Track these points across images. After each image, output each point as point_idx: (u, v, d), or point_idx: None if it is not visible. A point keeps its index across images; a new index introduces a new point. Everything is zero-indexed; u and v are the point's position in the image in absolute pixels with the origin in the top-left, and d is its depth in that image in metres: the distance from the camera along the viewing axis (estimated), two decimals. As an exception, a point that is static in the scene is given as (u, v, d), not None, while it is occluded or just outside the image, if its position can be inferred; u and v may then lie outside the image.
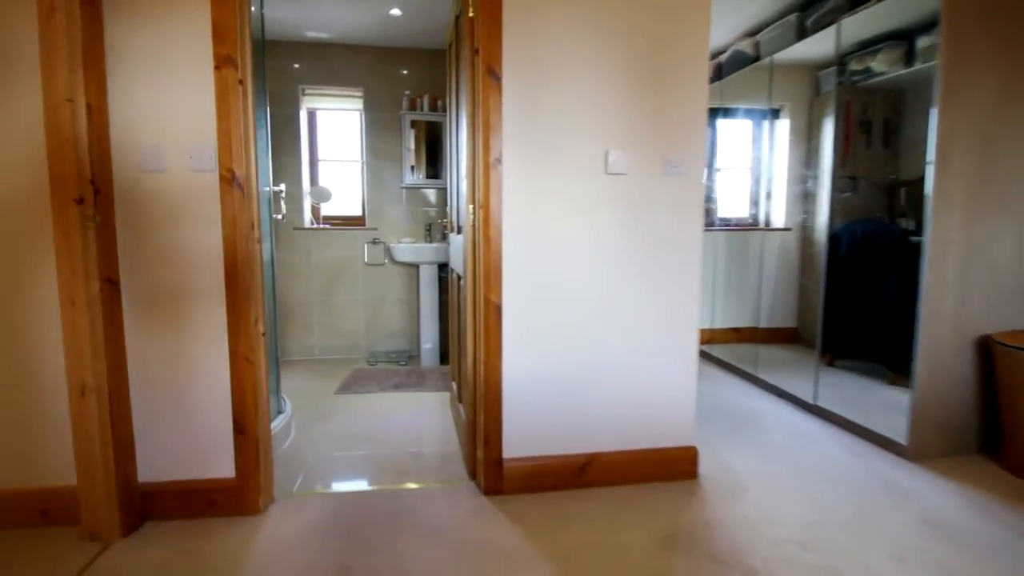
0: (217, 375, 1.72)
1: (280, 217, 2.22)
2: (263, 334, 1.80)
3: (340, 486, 1.94)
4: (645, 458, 1.94)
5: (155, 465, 1.72)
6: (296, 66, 3.58)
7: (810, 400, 2.69)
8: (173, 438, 1.72)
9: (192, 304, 1.68)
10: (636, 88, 1.82)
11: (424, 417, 2.65)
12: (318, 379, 3.31)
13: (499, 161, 1.77)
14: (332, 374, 3.42)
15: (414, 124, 3.68)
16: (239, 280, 1.69)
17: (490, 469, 1.87)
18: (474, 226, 1.87)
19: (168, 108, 1.62)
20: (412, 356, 3.83)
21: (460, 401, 2.33)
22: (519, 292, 1.83)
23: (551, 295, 1.85)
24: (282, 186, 2.27)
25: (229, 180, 1.65)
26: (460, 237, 2.17)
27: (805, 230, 3.65)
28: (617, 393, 1.92)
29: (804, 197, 3.72)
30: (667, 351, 1.93)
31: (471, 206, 1.88)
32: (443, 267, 3.63)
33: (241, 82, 1.65)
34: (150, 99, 1.61)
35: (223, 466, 1.74)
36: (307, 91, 3.69)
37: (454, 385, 2.58)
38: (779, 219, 3.52)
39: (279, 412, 2.38)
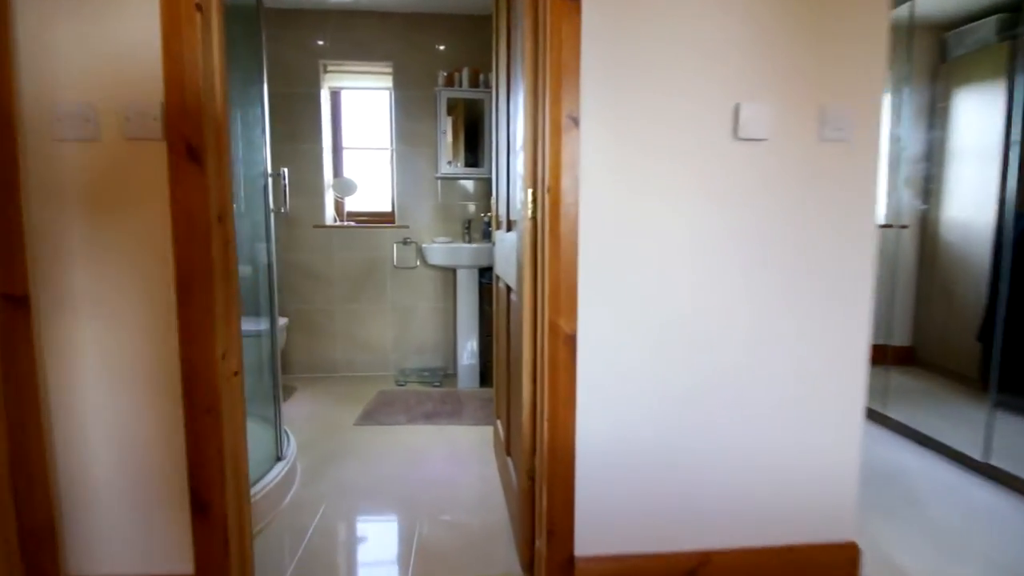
0: (168, 433, 1.20)
1: (283, 211, 1.70)
2: (235, 373, 1.28)
3: (345, 581, 1.41)
4: (782, 559, 1.32)
5: (86, 555, 1.22)
6: (320, 43, 3.09)
7: (978, 456, 1.99)
8: (110, 518, 1.22)
9: (132, 332, 1.18)
10: (781, 8, 1.21)
11: (462, 463, 2.10)
12: (337, 403, 2.81)
13: (575, 122, 1.19)
14: (354, 396, 2.92)
15: (451, 104, 3.14)
16: (195, 296, 1.17)
17: (555, 571, 1.29)
18: (535, 219, 1.29)
19: (98, 51, 1.11)
20: (447, 375, 3.29)
21: (508, 453, 1.76)
22: (602, 317, 1.24)
23: (649, 322, 1.25)
24: (283, 171, 1.75)
25: (182, 152, 1.13)
26: (511, 236, 1.60)
27: (927, 225, 2.92)
28: (744, 465, 1.30)
29: (925, 185, 2.97)
30: (820, 406, 1.30)
31: (530, 190, 1.31)
32: (484, 271, 3.08)
33: (200, 7, 1.12)
34: (72, 39, 1.10)
35: (177, 556, 1.23)
36: (329, 67, 3.21)
37: (499, 425, 2.01)
38: (884, 211, 2.80)
39: (278, 458, 1.88)
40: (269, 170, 1.81)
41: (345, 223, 3.31)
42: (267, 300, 1.91)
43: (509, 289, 1.68)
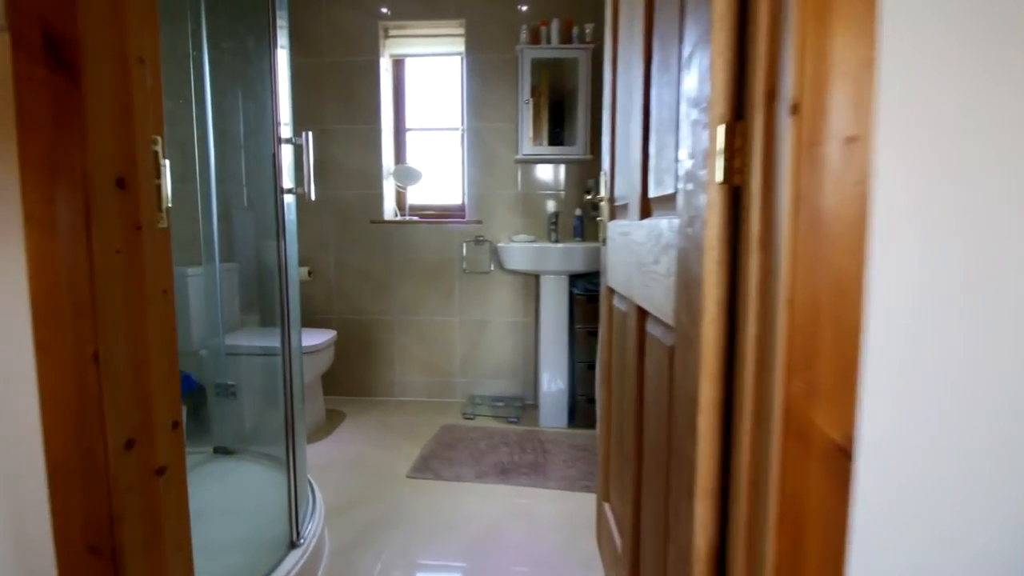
0: (22, 594, 0.65)
1: (304, 192, 1.11)
2: (158, 471, 0.70)
3: None
4: None
5: None
6: (382, 6, 2.57)
7: None
8: None
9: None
10: None
11: (551, 559, 1.44)
12: (390, 440, 2.26)
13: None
14: (412, 431, 2.35)
15: (536, 66, 2.49)
16: (65, 340, 0.60)
17: None
18: (740, 185, 0.60)
19: None
20: (527, 405, 2.65)
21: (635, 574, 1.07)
22: (916, 412, 0.53)
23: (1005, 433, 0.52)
24: (306, 135, 1.18)
25: (34, 46, 0.57)
26: (650, 226, 0.91)
27: None
28: None
29: None
30: None
31: (722, 126, 0.62)
32: (576, 279, 2.41)
33: None
34: None
35: None
36: (391, 30, 2.68)
37: (608, 514, 1.33)
38: None
39: (292, 544, 1.31)
40: (282, 135, 1.26)
41: (407, 218, 2.77)
42: (285, 313, 1.35)
43: (644, 315, 1.00)
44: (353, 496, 1.80)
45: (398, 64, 2.79)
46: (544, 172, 2.62)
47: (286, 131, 1.29)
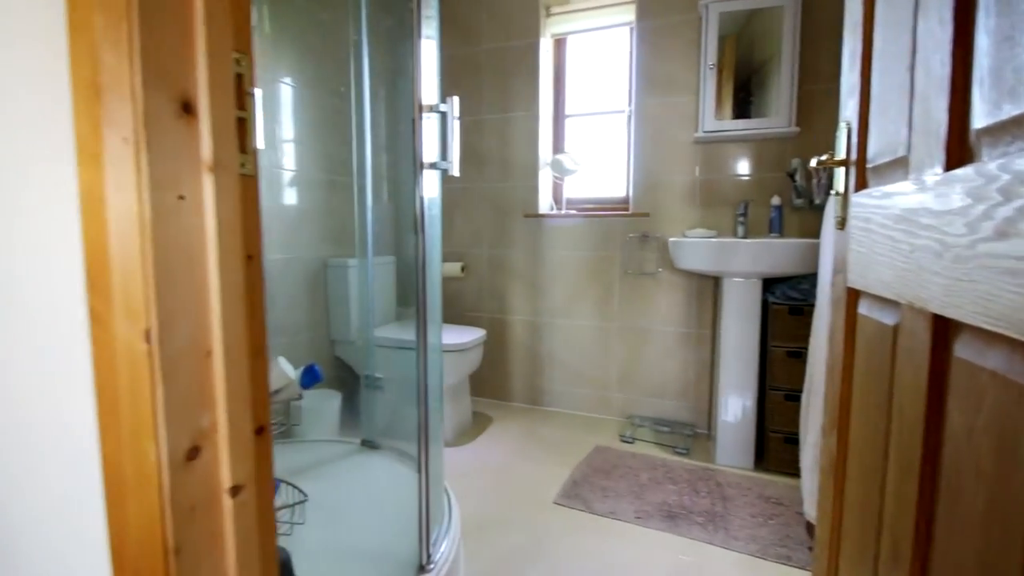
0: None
1: (447, 168, 0.93)
2: (234, 491, 0.53)
3: None
4: None
5: None
6: (541, -25, 2.39)
7: None
8: None
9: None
10: None
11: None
12: (537, 454, 2.03)
13: None
14: (561, 446, 2.10)
15: (725, 23, 2.06)
16: (113, 312, 0.44)
17: None
18: None
19: None
20: (697, 434, 2.22)
21: None
22: None
23: None
24: (452, 100, 1.00)
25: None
26: (967, 180, 0.51)
27: None
28: None
29: None
30: None
31: None
32: (773, 283, 1.93)
33: None
34: None
35: None
36: (553, 8, 2.48)
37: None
38: None
39: (421, 568, 1.14)
40: (423, 101, 1.09)
41: (564, 211, 2.53)
42: (421, 305, 1.19)
43: (946, 330, 0.59)
44: (493, 515, 1.60)
45: (559, 45, 2.58)
46: (731, 152, 2.17)
47: (430, 98, 1.13)
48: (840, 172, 0.97)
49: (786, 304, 1.81)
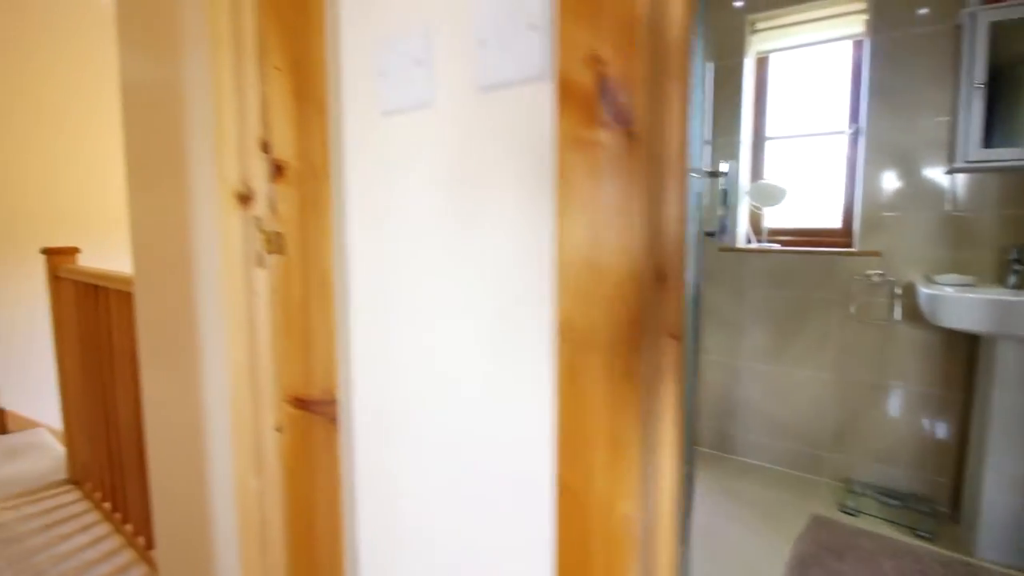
0: None
1: (720, 233, 0.87)
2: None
3: None
4: None
5: None
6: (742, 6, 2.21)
7: None
8: None
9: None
10: None
11: None
12: (744, 516, 1.87)
13: None
14: (769, 511, 1.91)
15: (996, 34, 1.72)
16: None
17: None
18: None
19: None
20: (938, 513, 1.89)
21: None
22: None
23: None
24: (730, 165, 0.92)
25: (588, 103, 0.41)
26: None
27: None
28: None
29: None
30: None
31: None
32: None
33: None
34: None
35: None
36: (759, 24, 2.27)
37: None
38: None
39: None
40: (703, 166, 1.02)
41: (765, 244, 2.32)
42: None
43: None
44: (716, 592, 1.49)
45: (761, 63, 2.36)
46: (995, 184, 1.81)
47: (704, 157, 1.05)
48: None
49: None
